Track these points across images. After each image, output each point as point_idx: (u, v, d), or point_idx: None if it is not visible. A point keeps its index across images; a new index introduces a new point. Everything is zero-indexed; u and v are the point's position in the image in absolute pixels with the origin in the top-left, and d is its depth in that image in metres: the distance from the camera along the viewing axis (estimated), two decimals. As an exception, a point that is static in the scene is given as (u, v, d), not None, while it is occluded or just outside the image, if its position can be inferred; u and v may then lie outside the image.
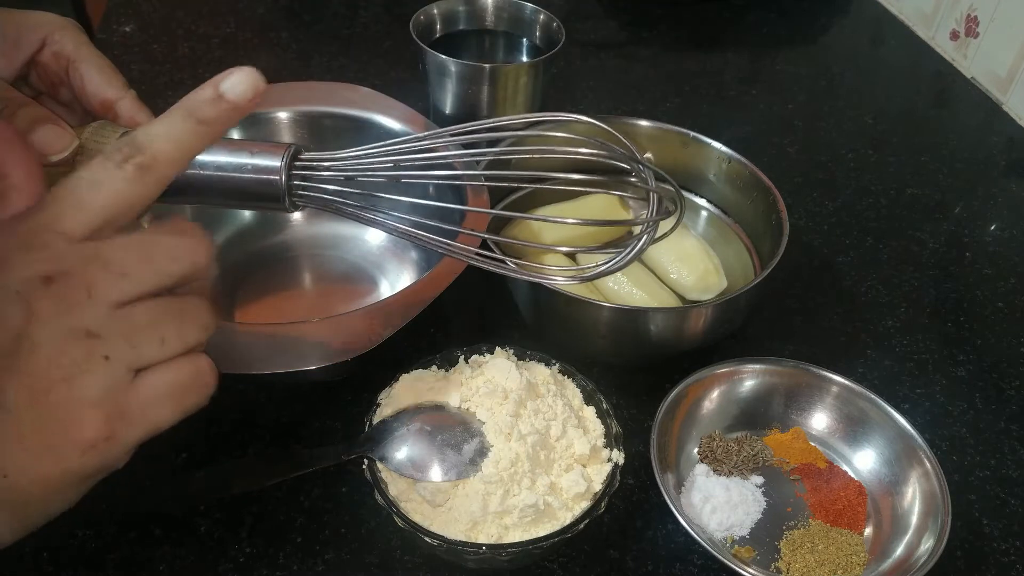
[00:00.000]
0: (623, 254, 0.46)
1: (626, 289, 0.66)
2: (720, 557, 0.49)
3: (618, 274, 0.67)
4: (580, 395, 0.55)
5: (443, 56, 0.72)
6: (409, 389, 0.53)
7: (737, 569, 0.49)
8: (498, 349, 0.56)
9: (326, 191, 0.43)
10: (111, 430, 0.33)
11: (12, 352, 0.32)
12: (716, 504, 0.54)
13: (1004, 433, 0.63)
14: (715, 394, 0.59)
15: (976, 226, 0.83)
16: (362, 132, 0.68)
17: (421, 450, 0.49)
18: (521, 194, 0.75)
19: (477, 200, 0.60)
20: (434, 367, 0.55)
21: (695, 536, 0.50)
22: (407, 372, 0.54)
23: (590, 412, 0.54)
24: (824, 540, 0.54)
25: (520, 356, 0.56)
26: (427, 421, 0.51)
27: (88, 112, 0.49)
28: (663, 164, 0.75)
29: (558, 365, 0.56)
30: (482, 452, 0.50)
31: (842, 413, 0.59)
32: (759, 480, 0.57)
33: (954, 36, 1.06)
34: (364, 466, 0.50)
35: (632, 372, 0.64)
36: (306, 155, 0.43)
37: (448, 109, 0.75)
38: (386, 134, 0.68)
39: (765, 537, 0.55)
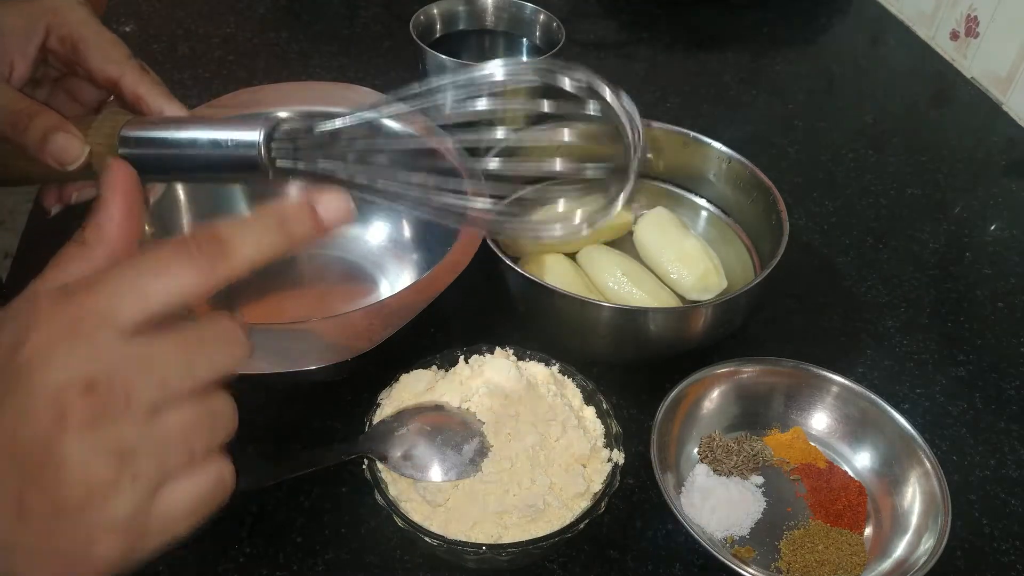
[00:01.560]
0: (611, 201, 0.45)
1: (626, 289, 0.66)
2: (720, 557, 0.49)
3: (618, 274, 0.67)
4: (580, 395, 0.55)
5: (443, 56, 0.72)
6: (409, 389, 0.53)
7: (737, 569, 0.49)
8: (498, 349, 0.56)
9: (307, 157, 0.43)
10: (130, 549, 0.31)
11: (39, 463, 0.29)
12: (716, 504, 0.54)
13: (1004, 433, 0.63)
14: (715, 394, 0.59)
15: (976, 226, 0.83)
16: (362, 132, 0.68)
17: (421, 450, 0.49)
18: (521, 194, 0.75)
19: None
20: (434, 367, 0.55)
21: (695, 536, 0.50)
22: (407, 372, 0.54)
23: (590, 412, 0.54)
24: (824, 540, 0.54)
25: (520, 356, 0.56)
26: (427, 421, 0.51)
27: (100, 88, 0.50)
28: (663, 164, 0.76)
29: (558, 365, 0.56)
30: (482, 452, 0.50)
31: (842, 413, 0.59)
32: (759, 480, 0.57)
33: (954, 36, 1.06)
34: (364, 466, 0.50)
35: (632, 372, 0.64)
36: (286, 126, 0.44)
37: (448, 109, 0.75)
38: (385, 133, 0.68)
39: (765, 537, 0.55)
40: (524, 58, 0.81)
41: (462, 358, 0.56)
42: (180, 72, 0.93)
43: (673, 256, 0.69)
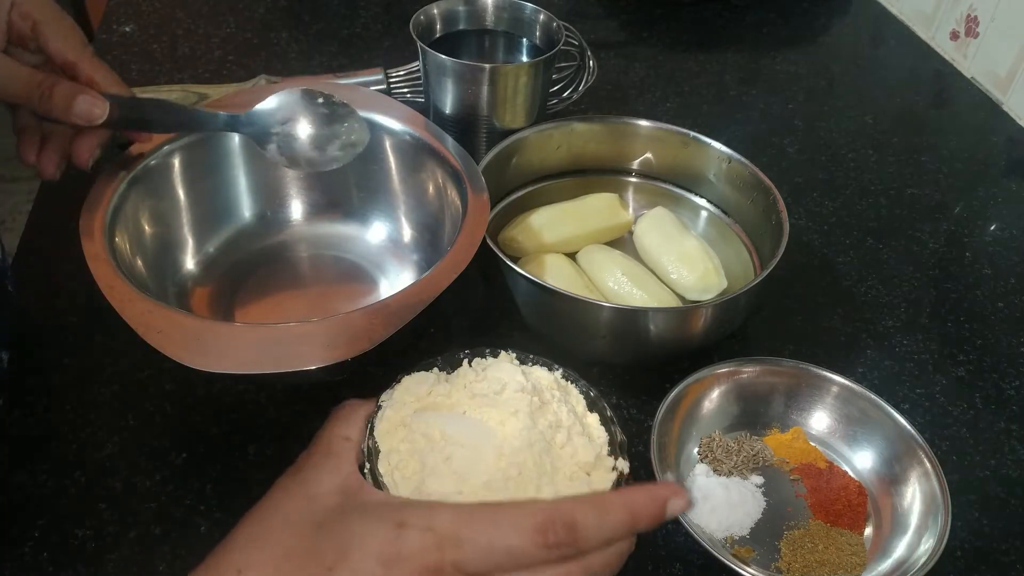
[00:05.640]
0: None
1: (626, 289, 0.66)
2: (720, 557, 0.49)
3: (618, 274, 0.67)
4: (583, 402, 0.54)
5: (443, 56, 0.72)
6: (411, 391, 0.53)
7: (737, 569, 0.49)
8: (502, 352, 0.55)
9: None
10: None
11: None
12: (716, 504, 0.54)
13: (1004, 433, 0.63)
14: (715, 394, 0.59)
15: (976, 226, 0.83)
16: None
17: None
18: (521, 194, 0.75)
19: (477, 200, 0.60)
20: (435, 369, 0.55)
21: (695, 536, 0.50)
22: (408, 374, 0.54)
23: (593, 419, 0.53)
24: (824, 540, 0.54)
25: (522, 360, 0.55)
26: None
27: (56, 68, 0.53)
28: (663, 164, 0.76)
29: (561, 370, 0.55)
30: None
31: (842, 413, 0.59)
32: (759, 480, 0.57)
33: (954, 36, 1.06)
34: (366, 470, 0.49)
35: (632, 372, 0.64)
36: None
37: (448, 109, 0.75)
38: (386, 134, 0.68)
39: (765, 537, 0.55)
40: (524, 58, 0.81)
41: (465, 361, 0.55)
42: (180, 72, 0.93)
43: (673, 256, 0.69)
